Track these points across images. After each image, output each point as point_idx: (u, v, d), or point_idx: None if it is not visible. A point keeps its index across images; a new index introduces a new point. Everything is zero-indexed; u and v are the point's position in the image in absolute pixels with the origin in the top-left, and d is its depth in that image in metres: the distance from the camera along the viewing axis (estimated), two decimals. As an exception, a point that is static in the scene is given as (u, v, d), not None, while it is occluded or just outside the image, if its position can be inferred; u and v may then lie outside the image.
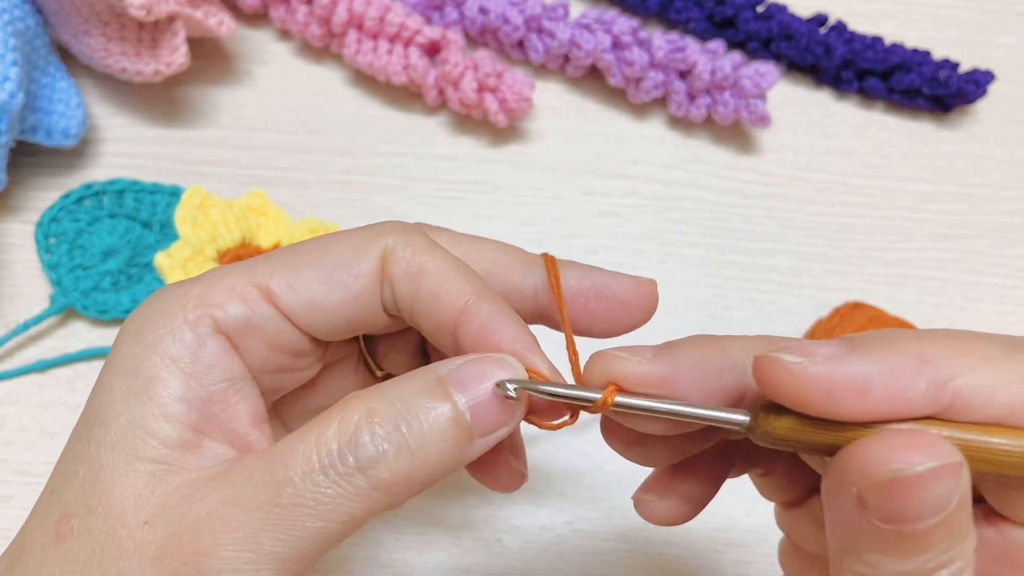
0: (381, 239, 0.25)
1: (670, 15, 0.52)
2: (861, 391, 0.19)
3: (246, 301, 0.24)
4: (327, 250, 0.25)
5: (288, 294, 0.24)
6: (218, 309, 0.23)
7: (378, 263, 0.24)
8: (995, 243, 0.49)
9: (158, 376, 0.23)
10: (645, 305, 0.27)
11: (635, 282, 0.27)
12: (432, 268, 0.24)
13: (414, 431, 0.21)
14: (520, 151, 0.50)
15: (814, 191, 0.50)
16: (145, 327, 0.24)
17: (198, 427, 0.23)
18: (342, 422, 0.22)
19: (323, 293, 0.24)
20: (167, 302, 0.24)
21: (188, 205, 0.41)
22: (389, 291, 0.25)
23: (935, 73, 0.50)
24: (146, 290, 0.44)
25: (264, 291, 0.24)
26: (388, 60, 0.49)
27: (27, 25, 0.43)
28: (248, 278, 0.24)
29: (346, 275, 0.24)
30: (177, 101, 0.50)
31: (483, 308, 0.24)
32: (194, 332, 0.23)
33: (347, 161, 0.49)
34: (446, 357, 0.24)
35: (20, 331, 0.43)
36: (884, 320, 0.43)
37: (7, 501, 0.41)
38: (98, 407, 0.24)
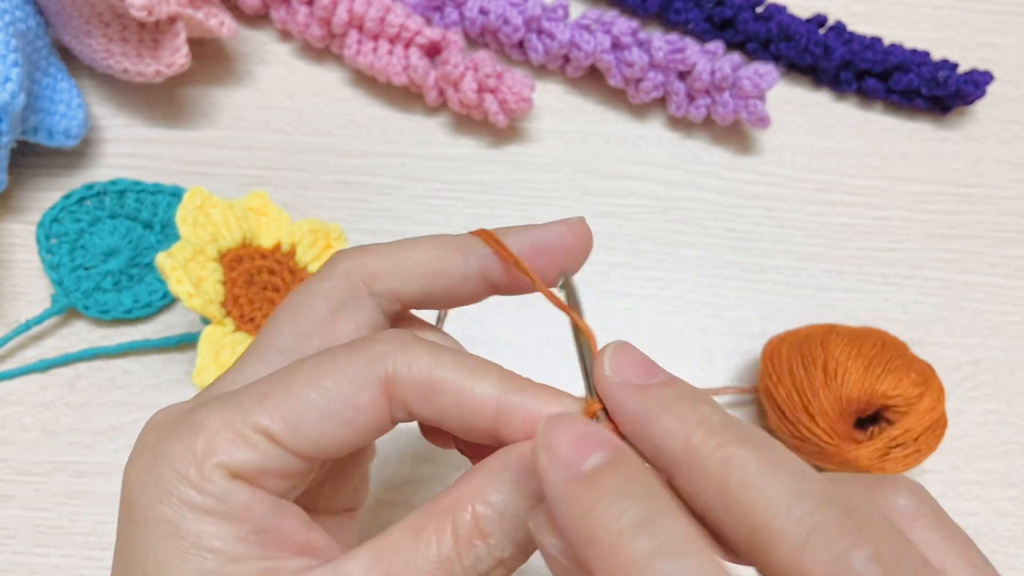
0: (379, 364, 0.24)
1: (670, 16, 0.53)
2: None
3: (253, 447, 0.23)
4: (322, 384, 0.23)
5: (292, 437, 0.23)
6: (226, 458, 0.23)
7: (381, 392, 0.24)
8: (994, 243, 0.49)
9: (204, 531, 0.23)
10: (583, 244, 0.27)
11: (566, 226, 0.27)
12: (445, 381, 0.24)
13: (520, 534, 0.23)
14: (520, 151, 0.50)
15: (813, 191, 0.50)
16: (165, 488, 0.23)
17: (265, 555, 0.23)
18: (455, 530, 0.22)
19: (326, 433, 0.23)
20: (175, 459, 0.23)
21: (189, 205, 0.41)
22: (402, 412, 0.24)
23: (934, 74, 0.50)
24: (147, 290, 0.44)
25: (267, 434, 0.23)
26: (388, 61, 0.49)
27: (28, 26, 0.43)
28: (247, 422, 0.23)
29: (348, 412, 0.23)
30: (178, 102, 0.50)
31: (516, 401, 0.23)
32: (215, 484, 0.23)
33: (347, 161, 0.49)
34: None
35: (21, 331, 0.43)
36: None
37: (8, 501, 0.41)
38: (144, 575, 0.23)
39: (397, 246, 0.27)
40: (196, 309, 0.38)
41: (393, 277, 0.27)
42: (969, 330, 0.47)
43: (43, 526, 0.40)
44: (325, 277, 0.27)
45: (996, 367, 0.46)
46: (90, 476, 0.41)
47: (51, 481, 0.41)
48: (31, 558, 0.40)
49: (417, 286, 0.27)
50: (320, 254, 0.45)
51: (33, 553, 0.40)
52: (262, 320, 0.41)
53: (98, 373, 0.43)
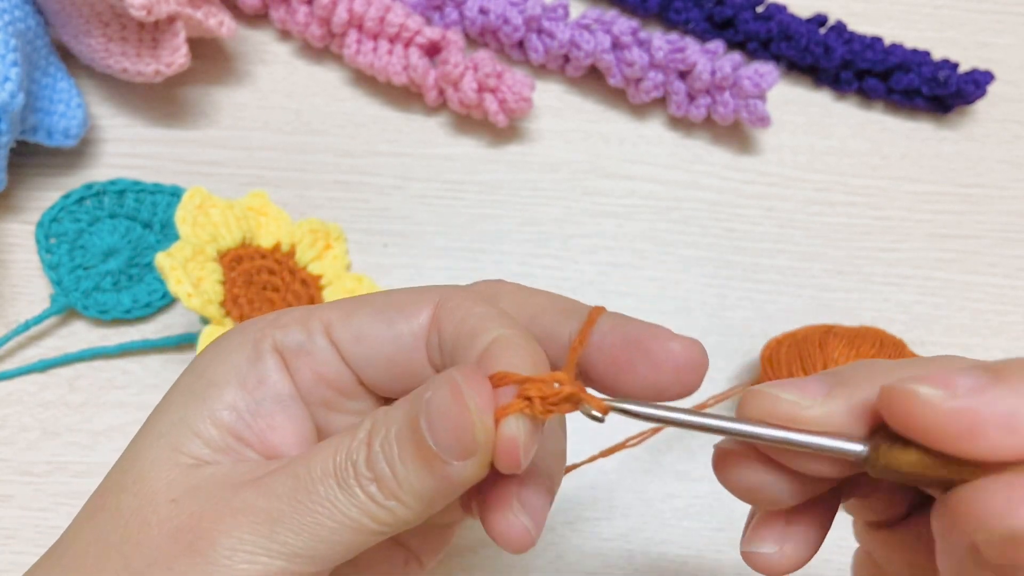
0: (438, 292, 0.26)
1: (670, 16, 0.52)
2: (1009, 428, 0.18)
3: (306, 328, 0.25)
4: (389, 296, 0.26)
5: (342, 325, 0.25)
6: (280, 331, 0.25)
7: (430, 311, 0.25)
8: (994, 243, 0.49)
9: (215, 381, 0.25)
10: (680, 367, 0.23)
11: (675, 340, 0.23)
12: (476, 313, 0.24)
13: (392, 456, 0.22)
14: (520, 151, 0.50)
15: (813, 191, 0.50)
16: (222, 341, 0.26)
17: (241, 436, 0.24)
18: (352, 441, 0.23)
19: (370, 327, 0.25)
20: (248, 326, 0.26)
21: (189, 205, 0.41)
22: (436, 336, 0.25)
23: (934, 73, 0.50)
24: (147, 290, 0.44)
25: (325, 323, 0.25)
26: (388, 60, 0.49)
27: (28, 25, 0.43)
28: (316, 312, 0.26)
29: (396, 315, 0.25)
30: (178, 101, 0.50)
31: (506, 334, 0.23)
32: (256, 347, 0.25)
33: (347, 161, 0.49)
34: None
35: (21, 331, 0.43)
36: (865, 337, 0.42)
37: (7, 501, 0.41)
38: (162, 401, 0.26)
39: (533, 290, 0.27)
40: (195, 309, 0.38)
41: (510, 306, 0.26)
42: (969, 330, 0.47)
43: (43, 526, 0.40)
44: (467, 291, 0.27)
45: (996, 367, 0.46)
46: (90, 476, 0.41)
47: (51, 481, 0.41)
48: (31, 558, 0.40)
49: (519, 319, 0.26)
50: (320, 254, 0.45)
51: (33, 553, 0.40)
52: (262, 320, 0.41)
53: (97, 373, 0.43)
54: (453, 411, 0.21)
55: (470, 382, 0.21)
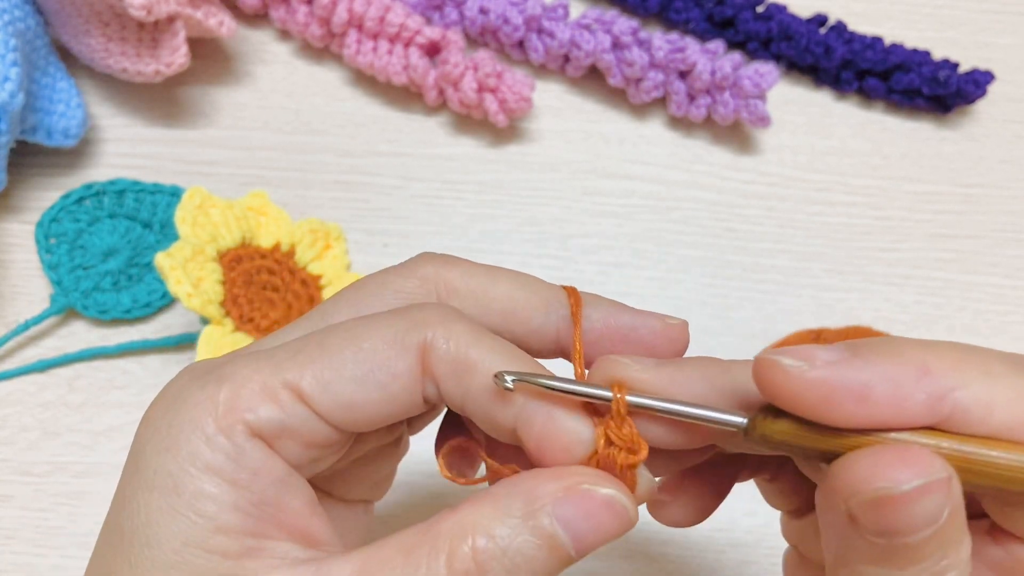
0: (419, 331, 0.23)
1: (670, 15, 0.52)
2: (859, 398, 0.19)
3: (279, 403, 0.22)
4: (359, 344, 0.22)
5: (322, 396, 0.22)
6: (250, 413, 0.22)
7: (417, 360, 0.23)
8: (994, 243, 0.49)
9: (203, 491, 0.21)
10: (674, 350, 0.25)
11: (664, 325, 0.25)
12: (479, 362, 0.22)
13: (520, 573, 0.21)
14: (520, 151, 0.50)
15: (814, 191, 0.50)
16: (175, 438, 0.22)
17: (256, 532, 0.22)
18: (451, 561, 0.21)
19: (359, 395, 0.22)
20: (194, 408, 0.22)
21: (188, 205, 0.41)
22: (432, 388, 0.23)
23: (935, 73, 0.50)
24: (147, 290, 0.44)
25: (296, 391, 0.22)
26: (388, 60, 0.49)
27: (28, 25, 0.43)
28: (277, 376, 0.22)
29: (383, 375, 0.22)
30: (178, 101, 0.50)
31: (540, 408, 0.22)
32: (230, 440, 0.22)
33: (347, 161, 0.49)
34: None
35: (20, 331, 0.43)
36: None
37: (7, 501, 0.41)
38: (134, 528, 0.22)
39: (484, 270, 0.26)
40: (195, 309, 0.38)
41: (470, 301, 0.25)
42: (970, 330, 0.47)
43: (43, 526, 0.40)
44: (403, 275, 0.25)
45: (997, 367, 0.46)
46: (90, 476, 0.41)
47: (51, 481, 0.41)
48: (31, 559, 0.40)
49: (489, 320, 0.25)
50: (320, 254, 0.45)
51: (33, 554, 0.40)
52: (261, 320, 0.41)
53: (97, 373, 0.43)
54: (615, 527, 0.22)
55: (623, 497, 0.22)
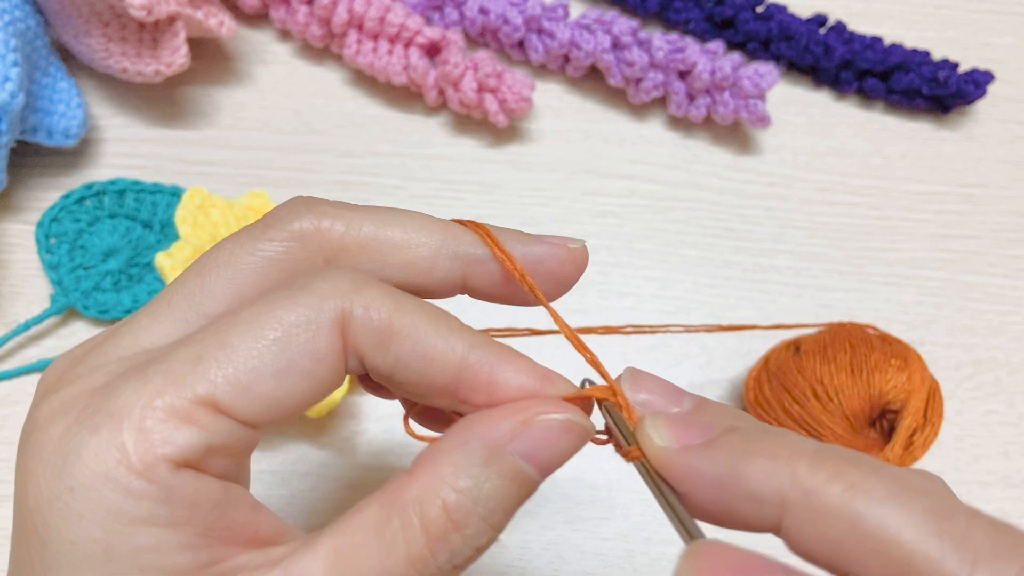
0: (331, 304, 0.20)
1: (670, 15, 0.52)
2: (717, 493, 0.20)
3: (194, 423, 0.19)
4: (267, 334, 0.20)
5: (243, 401, 0.20)
6: (168, 446, 0.19)
7: (337, 335, 0.20)
8: (994, 243, 0.49)
9: (140, 547, 0.19)
10: (576, 275, 0.25)
11: (569, 254, 0.24)
12: (405, 328, 0.21)
13: (493, 511, 0.21)
14: (520, 151, 0.50)
15: (814, 191, 0.50)
16: (84, 500, 0.19)
17: (209, 560, 0.20)
18: (428, 529, 0.20)
19: (283, 389, 0.20)
20: (95, 461, 0.19)
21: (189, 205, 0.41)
22: (355, 361, 0.21)
23: (934, 73, 0.50)
24: (147, 290, 0.44)
25: (211, 405, 0.19)
26: (388, 60, 0.49)
27: (28, 25, 0.43)
28: (182, 394, 0.19)
29: (306, 362, 0.20)
30: (178, 101, 0.50)
31: (483, 357, 0.21)
32: (153, 484, 0.19)
33: (347, 161, 0.49)
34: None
35: (21, 331, 0.43)
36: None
37: (7, 501, 0.41)
38: None
39: (370, 216, 0.23)
40: (195, 309, 0.38)
41: (362, 257, 0.23)
42: (970, 330, 0.47)
43: (42, 526, 0.40)
44: (275, 236, 0.22)
45: (997, 367, 0.46)
46: (89, 476, 0.41)
47: (50, 481, 0.41)
48: (30, 558, 0.40)
49: (387, 275, 0.23)
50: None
51: (32, 553, 0.40)
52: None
53: (97, 373, 0.43)
54: (572, 447, 0.22)
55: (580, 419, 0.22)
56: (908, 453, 0.38)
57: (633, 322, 0.46)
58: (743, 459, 0.19)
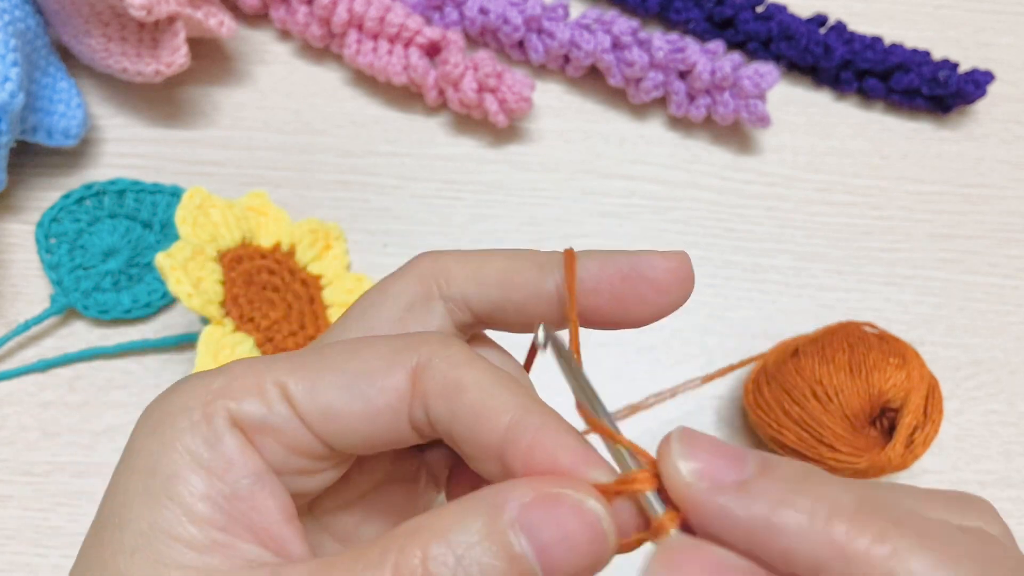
0: (414, 350, 0.22)
1: (670, 15, 0.52)
2: (754, 538, 0.18)
3: (264, 398, 0.22)
4: (354, 355, 0.22)
5: (305, 398, 0.22)
6: (234, 403, 0.22)
7: (407, 378, 0.22)
8: (995, 243, 0.49)
9: (178, 474, 0.21)
10: (680, 279, 0.24)
11: (663, 257, 0.24)
12: (471, 383, 0.21)
13: None
14: (520, 151, 0.50)
15: (814, 191, 0.50)
16: (163, 421, 0.22)
17: (225, 527, 0.21)
18: (397, 570, 0.19)
19: (341, 402, 0.22)
20: (185, 395, 0.22)
21: (189, 205, 0.41)
22: (421, 411, 0.22)
23: (934, 73, 0.50)
24: (147, 290, 0.44)
25: (283, 390, 0.22)
26: (388, 60, 0.49)
27: (28, 25, 0.43)
28: (269, 374, 0.22)
29: (369, 387, 0.22)
30: (178, 101, 0.50)
31: (532, 421, 0.21)
32: (211, 426, 0.21)
33: (347, 161, 0.49)
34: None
35: (21, 331, 0.43)
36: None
37: (7, 501, 0.41)
38: (112, 509, 0.22)
39: (478, 253, 0.25)
40: (195, 309, 0.38)
41: (467, 282, 0.25)
42: (970, 330, 0.47)
43: (43, 526, 0.40)
44: (400, 276, 0.25)
45: (997, 367, 0.46)
46: (89, 476, 0.41)
47: (51, 481, 0.41)
48: (31, 559, 0.40)
49: (489, 295, 0.25)
50: (320, 254, 0.45)
51: (33, 554, 0.40)
52: (261, 320, 0.41)
53: (97, 373, 0.43)
54: (583, 540, 0.19)
55: (597, 503, 0.20)
56: (909, 451, 0.38)
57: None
58: (778, 512, 0.18)
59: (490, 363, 0.22)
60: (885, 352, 0.39)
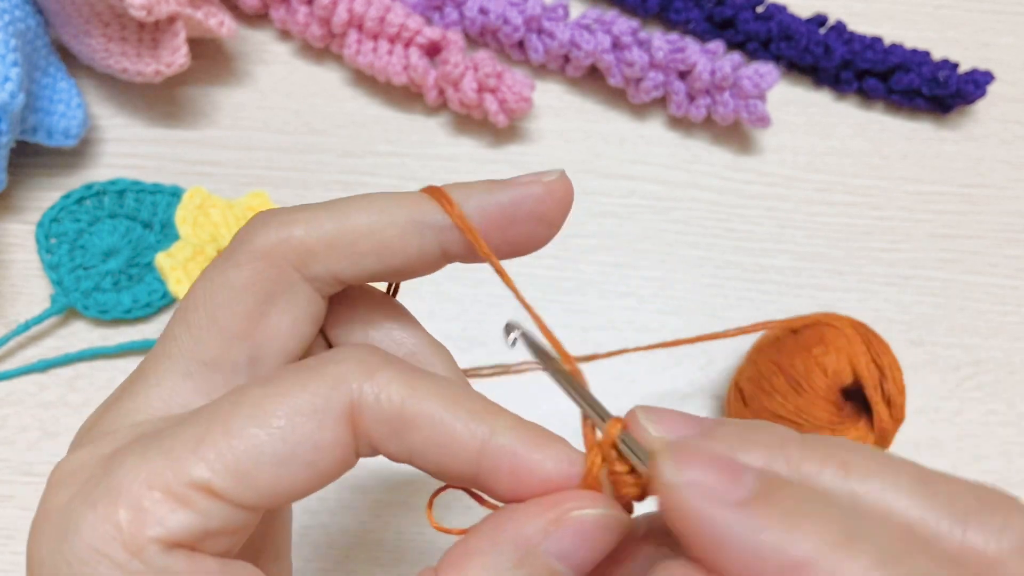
0: (341, 392, 0.20)
1: (670, 16, 0.52)
2: (750, 569, 0.16)
3: (189, 506, 0.19)
4: (271, 422, 0.19)
5: (238, 487, 0.19)
6: (159, 527, 0.18)
7: (346, 427, 0.20)
8: (995, 243, 0.49)
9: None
10: (559, 209, 0.23)
11: (545, 188, 0.23)
12: (421, 416, 0.20)
13: None
14: (520, 151, 0.50)
15: (814, 191, 0.50)
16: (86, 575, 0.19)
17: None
18: None
19: (283, 479, 0.19)
20: (91, 536, 0.19)
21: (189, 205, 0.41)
22: (367, 448, 0.20)
23: (934, 73, 0.50)
24: (147, 290, 0.44)
25: (207, 490, 0.19)
26: (388, 60, 0.49)
27: (28, 25, 0.43)
28: (180, 476, 0.19)
29: (308, 453, 0.19)
30: (178, 101, 0.50)
31: (501, 443, 0.20)
32: (147, 564, 0.18)
33: (347, 161, 0.49)
34: None
35: (21, 331, 0.43)
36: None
37: (7, 501, 0.41)
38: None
39: (329, 211, 0.22)
40: (195, 309, 0.38)
41: (332, 255, 0.22)
42: (970, 330, 0.47)
43: (42, 526, 0.40)
44: (241, 262, 0.22)
45: (997, 367, 0.46)
46: (89, 476, 0.41)
47: (50, 481, 0.41)
48: (30, 558, 0.40)
49: (363, 265, 0.22)
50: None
51: (32, 553, 0.40)
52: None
53: (98, 373, 0.43)
54: (609, 541, 0.20)
55: (615, 512, 0.20)
56: (892, 417, 0.38)
57: (633, 322, 0.46)
58: (790, 536, 0.16)
59: (431, 379, 0.20)
60: (805, 345, 0.40)
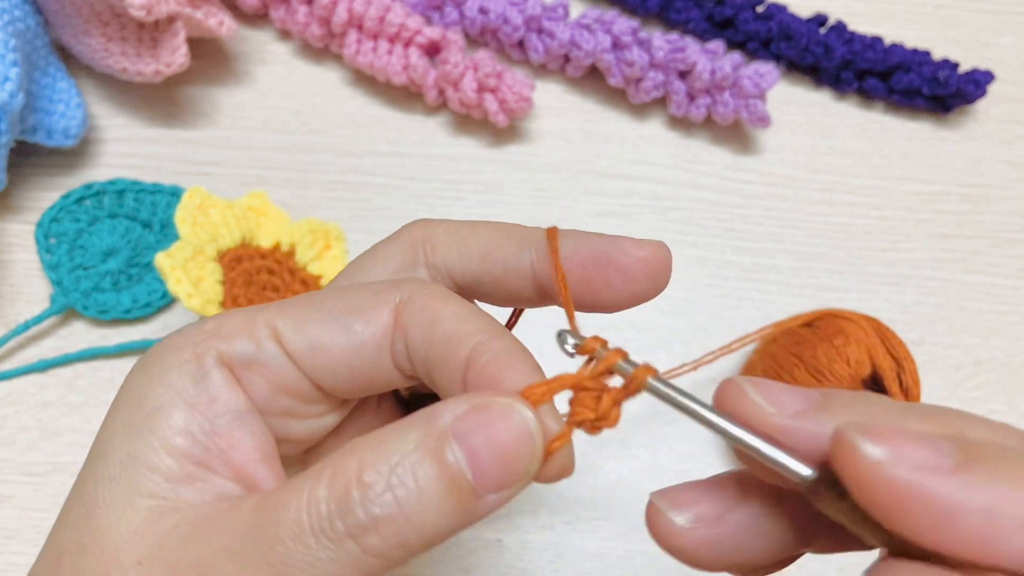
0: (397, 289, 0.23)
1: (670, 15, 0.52)
2: (983, 533, 0.16)
3: (253, 337, 0.23)
4: (340, 297, 0.24)
5: (293, 334, 0.23)
6: (224, 342, 0.23)
7: (391, 313, 0.23)
8: (995, 243, 0.49)
9: (161, 408, 0.22)
10: (652, 272, 0.24)
11: (637, 245, 0.24)
12: (447, 314, 0.22)
13: (408, 492, 0.19)
14: (520, 151, 0.50)
15: (814, 191, 0.50)
16: (154, 359, 0.23)
17: (201, 461, 0.22)
18: (333, 479, 0.19)
19: (327, 335, 0.23)
20: (179, 337, 0.23)
21: (188, 205, 0.41)
22: (402, 344, 0.23)
23: (935, 73, 0.50)
24: (147, 290, 0.44)
25: (273, 329, 0.23)
26: (388, 60, 0.49)
27: (27, 25, 0.43)
28: (260, 317, 0.23)
29: (355, 320, 0.23)
30: (177, 101, 0.50)
31: (493, 345, 0.21)
32: (198, 363, 0.22)
33: (347, 161, 0.49)
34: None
35: (20, 331, 0.43)
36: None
37: (7, 501, 0.41)
38: (99, 442, 0.23)
39: (467, 223, 0.26)
40: (195, 309, 0.38)
41: (451, 251, 0.26)
42: (970, 330, 0.47)
43: (43, 526, 0.40)
44: (392, 241, 0.27)
45: (997, 367, 0.46)
46: (89, 476, 0.41)
47: (51, 481, 0.41)
48: (31, 558, 0.40)
49: (470, 266, 0.25)
50: (320, 254, 0.45)
51: (33, 553, 0.40)
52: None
53: (97, 373, 0.43)
54: (509, 441, 0.19)
55: (524, 408, 0.20)
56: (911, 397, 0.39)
57: (631, 321, 0.46)
58: (1018, 493, 0.16)
59: (464, 300, 0.23)
60: (824, 338, 0.40)
